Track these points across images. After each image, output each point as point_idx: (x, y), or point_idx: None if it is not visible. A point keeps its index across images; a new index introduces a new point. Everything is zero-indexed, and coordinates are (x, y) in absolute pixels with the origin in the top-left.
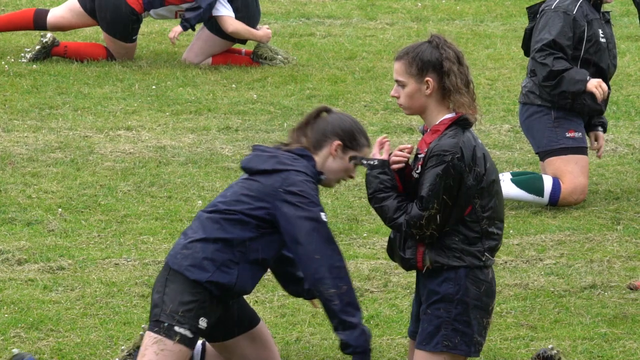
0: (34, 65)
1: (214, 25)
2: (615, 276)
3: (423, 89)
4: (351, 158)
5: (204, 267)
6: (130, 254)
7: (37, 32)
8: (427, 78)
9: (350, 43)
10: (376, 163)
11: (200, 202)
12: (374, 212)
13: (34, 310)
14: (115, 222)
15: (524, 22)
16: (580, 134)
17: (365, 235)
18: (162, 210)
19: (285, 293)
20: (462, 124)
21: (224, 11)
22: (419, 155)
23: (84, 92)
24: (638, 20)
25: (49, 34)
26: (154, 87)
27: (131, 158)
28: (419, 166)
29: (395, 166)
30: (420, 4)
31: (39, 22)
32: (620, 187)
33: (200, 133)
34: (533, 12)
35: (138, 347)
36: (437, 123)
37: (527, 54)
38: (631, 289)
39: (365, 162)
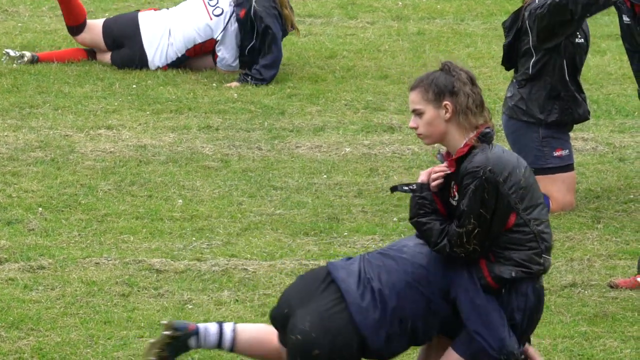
0: (14, 65)
1: (213, 54)
2: (596, 275)
3: (442, 114)
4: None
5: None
6: (110, 253)
7: (17, 32)
8: (445, 102)
9: (330, 42)
10: (415, 187)
11: (180, 201)
12: (354, 210)
13: (14, 309)
14: (95, 221)
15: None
16: (567, 151)
17: (345, 234)
18: (142, 210)
19: (267, 292)
20: (484, 139)
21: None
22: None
23: (64, 91)
24: (618, 19)
25: (27, 55)
26: (134, 86)
27: (112, 157)
28: (455, 193)
29: (435, 183)
30: (400, 3)
31: (76, 26)
32: (601, 185)
33: (181, 132)
34: (507, 28)
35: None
36: (461, 146)
37: (508, 69)
38: (612, 286)
39: (405, 188)
